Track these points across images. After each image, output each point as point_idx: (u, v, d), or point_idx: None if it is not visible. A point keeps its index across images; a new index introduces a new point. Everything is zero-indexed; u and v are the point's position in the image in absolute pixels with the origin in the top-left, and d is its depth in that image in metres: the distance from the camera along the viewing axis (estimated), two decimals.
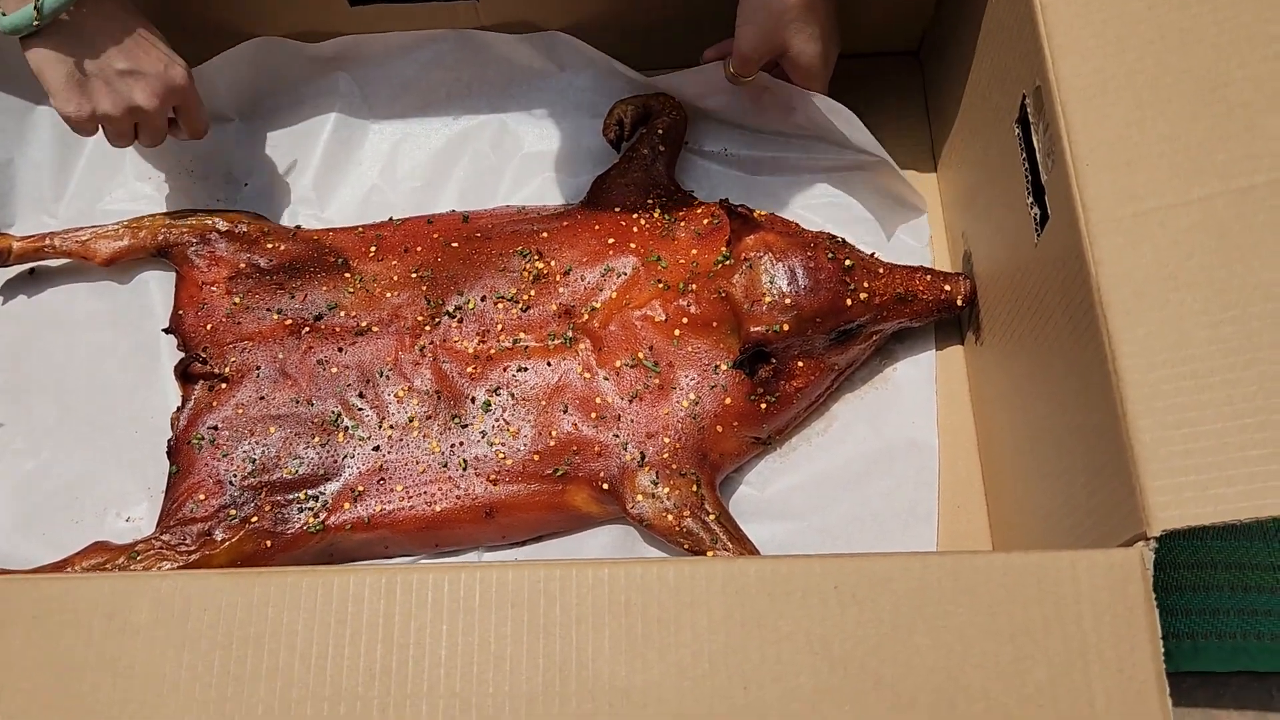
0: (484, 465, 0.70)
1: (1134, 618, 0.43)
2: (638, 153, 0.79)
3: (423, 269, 0.77)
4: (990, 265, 0.69)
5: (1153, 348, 0.46)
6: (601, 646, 0.44)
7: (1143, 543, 0.43)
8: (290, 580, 0.46)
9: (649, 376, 0.71)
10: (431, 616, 0.45)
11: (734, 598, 0.44)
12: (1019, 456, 0.64)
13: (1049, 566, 0.43)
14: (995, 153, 0.66)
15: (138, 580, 0.46)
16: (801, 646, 0.43)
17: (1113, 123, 0.51)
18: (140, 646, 0.45)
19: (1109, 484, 0.47)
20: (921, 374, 0.76)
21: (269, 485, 0.70)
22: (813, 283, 0.69)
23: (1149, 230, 0.48)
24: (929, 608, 0.43)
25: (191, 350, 0.75)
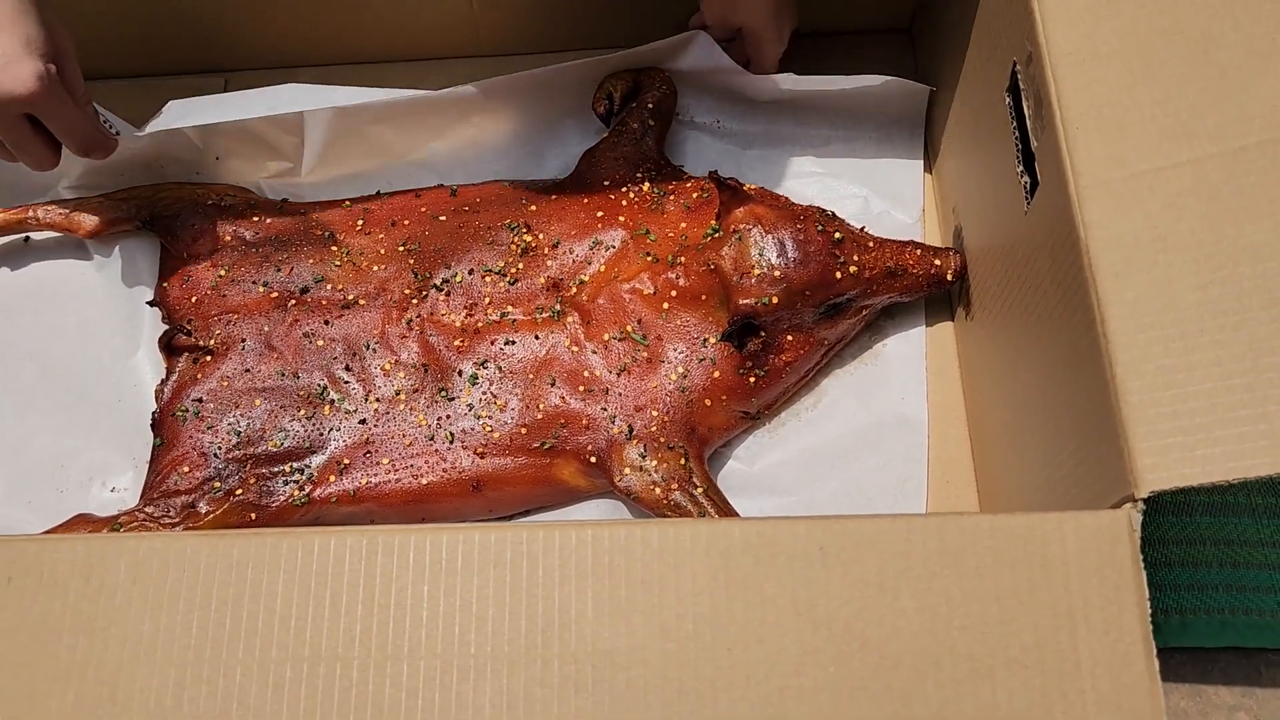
0: (471, 438, 0.70)
1: (1121, 580, 0.42)
2: (627, 127, 0.79)
3: (410, 242, 0.76)
4: (981, 238, 0.69)
5: (1142, 310, 0.45)
6: (584, 608, 0.44)
7: (1130, 504, 0.43)
8: (270, 541, 0.45)
9: (637, 350, 0.71)
10: (413, 578, 0.44)
11: (718, 559, 0.44)
12: (1008, 428, 0.64)
13: (1036, 528, 0.43)
14: (986, 124, 0.66)
15: (115, 541, 0.46)
16: (786, 609, 0.43)
17: (1103, 87, 0.50)
18: (117, 607, 0.44)
19: (1097, 448, 0.47)
20: (911, 349, 0.76)
21: (254, 458, 0.69)
22: (802, 255, 0.68)
23: (1139, 194, 0.47)
24: (915, 570, 0.43)
25: (176, 322, 0.74)
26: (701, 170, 0.80)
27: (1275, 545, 0.68)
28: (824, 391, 0.75)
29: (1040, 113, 0.53)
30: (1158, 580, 0.67)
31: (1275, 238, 0.45)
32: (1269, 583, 0.67)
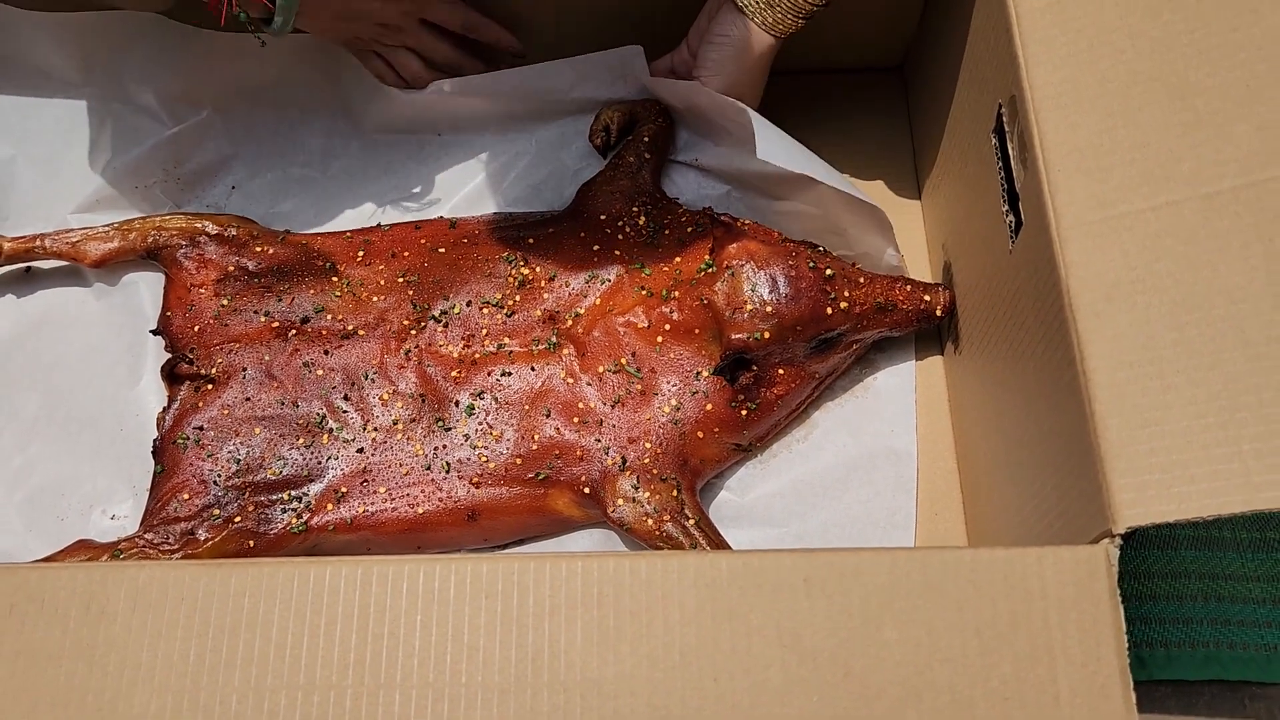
0: (467, 468, 0.71)
1: (1099, 613, 0.43)
2: (624, 160, 0.80)
3: (409, 274, 0.77)
4: (969, 274, 0.70)
5: (1120, 349, 0.46)
6: (574, 638, 0.44)
7: (1108, 539, 0.44)
8: (267, 571, 0.46)
9: (631, 382, 0.72)
10: (406, 608, 0.45)
11: (705, 591, 0.45)
12: (994, 462, 0.65)
13: (1016, 563, 0.44)
14: (974, 163, 0.67)
15: (115, 570, 0.46)
16: (771, 639, 0.44)
17: (1084, 130, 0.52)
18: (116, 635, 0.45)
19: (1078, 484, 0.48)
20: (901, 382, 0.77)
21: (253, 485, 0.70)
22: (794, 291, 0.70)
23: (1118, 235, 0.49)
24: (898, 602, 0.44)
25: (179, 351, 0.75)
26: (694, 204, 0.82)
27: (1260, 580, 0.69)
28: (815, 424, 0.76)
29: (1024, 154, 0.55)
30: (1143, 613, 0.68)
31: (1249, 279, 0.46)
32: (1253, 617, 0.68)
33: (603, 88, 0.83)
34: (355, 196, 0.85)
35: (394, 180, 0.85)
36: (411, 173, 0.85)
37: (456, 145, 0.86)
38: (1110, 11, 0.53)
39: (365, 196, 0.85)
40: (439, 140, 0.86)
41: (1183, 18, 0.52)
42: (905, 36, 0.86)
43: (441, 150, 0.86)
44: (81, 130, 0.84)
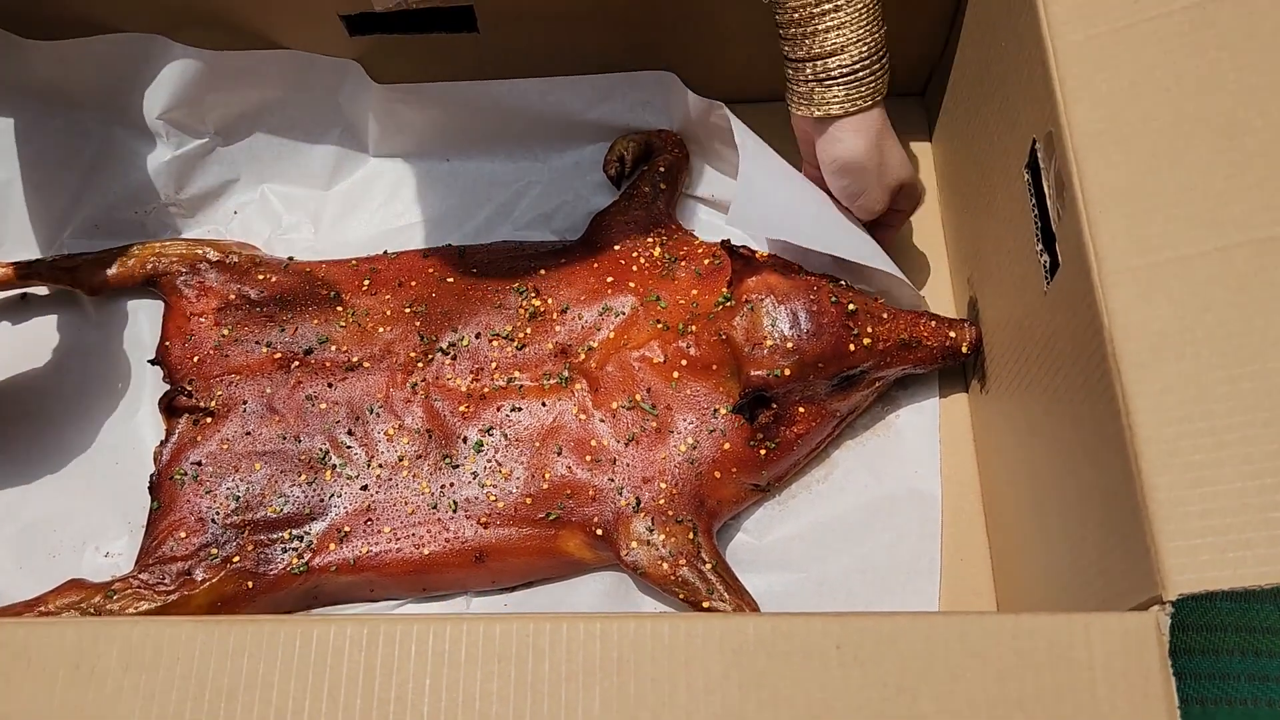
0: (475, 507, 0.69)
1: (1149, 687, 0.41)
2: (639, 190, 0.79)
3: (416, 304, 0.75)
4: (997, 311, 0.68)
5: (1169, 403, 0.44)
6: (591, 706, 0.42)
7: (1158, 607, 0.42)
8: (267, 629, 0.44)
9: (646, 419, 0.70)
10: (415, 670, 0.43)
11: (731, 657, 0.42)
12: (1025, 510, 0.63)
13: (1061, 630, 0.42)
14: (1003, 198, 0.65)
15: (107, 626, 0.44)
16: (801, 711, 0.42)
17: (1126, 171, 0.50)
18: (107, 698, 0.43)
19: (1122, 544, 0.46)
20: (925, 422, 0.75)
21: (252, 524, 0.68)
22: (815, 327, 0.68)
23: (1164, 281, 0.47)
24: (935, 671, 0.42)
25: (177, 382, 0.73)
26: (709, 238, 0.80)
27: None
28: (835, 463, 0.74)
29: (1062, 194, 0.53)
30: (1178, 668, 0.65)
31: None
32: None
33: (626, 110, 0.81)
34: (361, 222, 0.83)
35: (400, 206, 0.84)
36: (419, 198, 0.84)
37: (465, 171, 0.84)
38: (1153, 49, 0.52)
39: (371, 222, 0.83)
40: (447, 165, 0.84)
41: (1230, 55, 0.50)
42: (929, 63, 0.84)
43: (450, 175, 0.84)
44: (81, 153, 0.83)
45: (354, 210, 0.84)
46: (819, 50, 0.64)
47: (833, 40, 0.63)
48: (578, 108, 0.81)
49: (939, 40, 0.81)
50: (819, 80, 0.65)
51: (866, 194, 0.69)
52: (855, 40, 0.63)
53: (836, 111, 0.65)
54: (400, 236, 0.82)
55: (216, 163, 0.83)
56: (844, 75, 0.64)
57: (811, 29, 0.63)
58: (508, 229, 0.83)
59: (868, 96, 0.65)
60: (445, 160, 0.84)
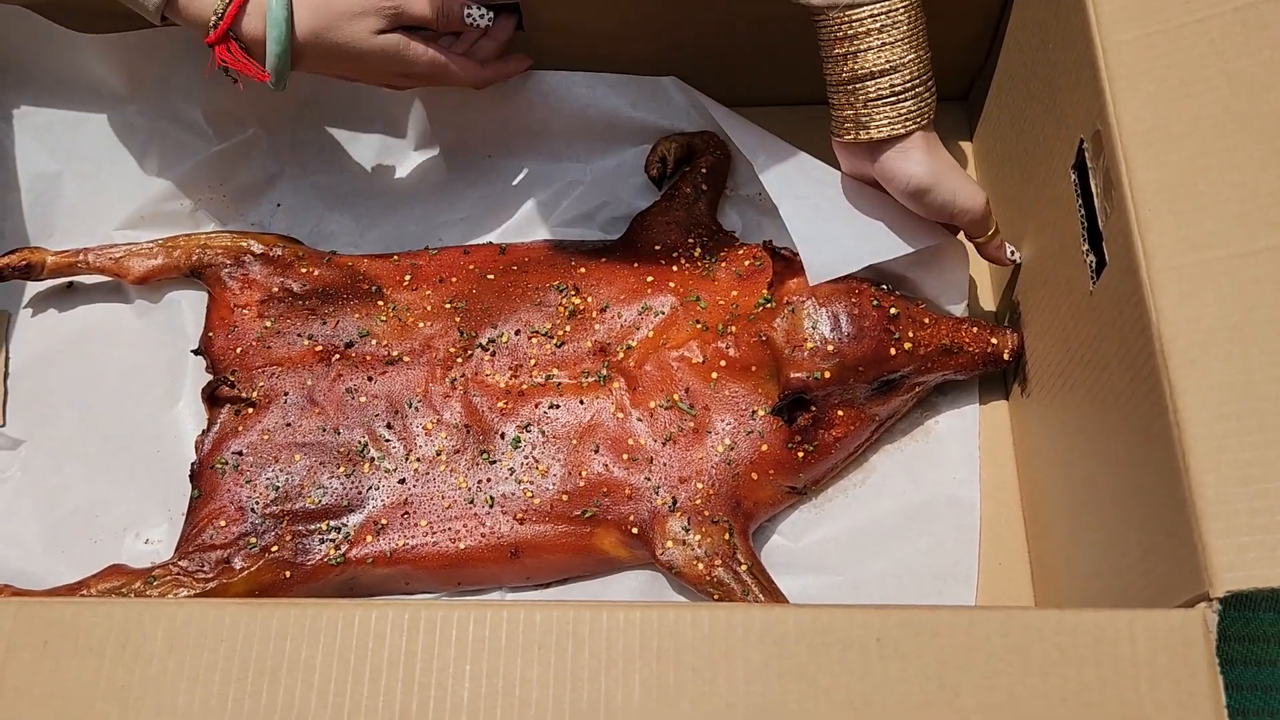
0: (511, 503, 0.69)
1: (1196, 684, 0.41)
2: (680, 191, 0.79)
3: (457, 300, 0.76)
4: (1040, 314, 0.68)
5: (1217, 400, 0.44)
6: (631, 694, 0.43)
7: (1205, 604, 0.42)
8: (310, 613, 0.45)
9: (684, 419, 0.70)
10: (455, 656, 0.44)
11: (772, 648, 0.43)
12: (1066, 512, 0.63)
13: (1105, 626, 0.42)
14: (1048, 199, 0.65)
15: (152, 608, 0.46)
16: (841, 701, 0.42)
17: (1176, 169, 0.50)
18: (152, 677, 0.44)
19: (1167, 542, 0.45)
20: (964, 427, 0.75)
21: (291, 514, 0.69)
22: (856, 330, 0.68)
23: (1213, 279, 0.47)
24: (976, 665, 0.42)
25: (220, 373, 0.75)
26: (749, 240, 0.80)
27: None
28: (873, 468, 0.74)
29: (1109, 192, 0.53)
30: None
31: None
32: None
33: (670, 112, 0.82)
34: (402, 217, 0.84)
35: (442, 203, 0.85)
36: (460, 195, 0.85)
37: (508, 168, 0.85)
38: (1204, 48, 0.52)
39: (412, 218, 0.84)
40: (489, 162, 0.85)
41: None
42: (973, 68, 0.84)
43: (492, 173, 0.85)
44: (127, 146, 0.84)
45: (396, 205, 0.85)
46: (864, 70, 0.62)
47: (879, 60, 0.62)
48: (621, 107, 0.82)
49: (982, 45, 0.81)
50: (865, 102, 0.63)
51: (945, 206, 0.66)
52: (903, 60, 0.62)
53: (882, 135, 0.63)
54: (441, 232, 0.83)
55: (261, 156, 0.85)
56: (890, 96, 0.63)
57: (857, 47, 0.62)
58: (548, 228, 0.83)
59: (915, 117, 0.63)
60: (487, 156, 0.85)
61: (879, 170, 0.66)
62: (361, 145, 0.86)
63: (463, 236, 0.83)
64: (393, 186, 0.85)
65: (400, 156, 0.86)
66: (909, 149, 0.64)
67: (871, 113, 0.63)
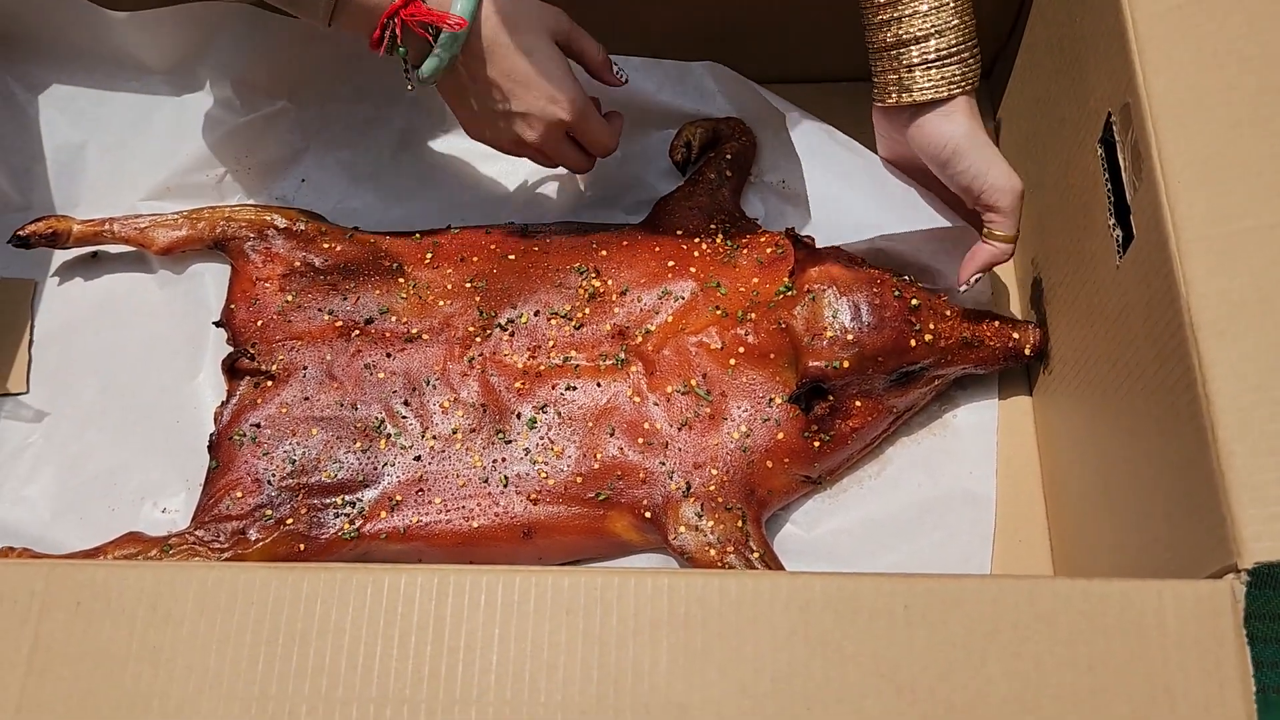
0: (525, 484, 0.70)
1: (1223, 654, 0.41)
2: (704, 176, 0.79)
3: (477, 279, 0.77)
4: (1065, 290, 0.68)
5: (1247, 371, 0.45)
6: (659, 659, 0.43)
7: (1233, 575, 0.42)
8: (339, 577, 0.45)
9: (700, 405, 0.71)
10: (484, 620, 0.44)
11: (798, 614, 0.43)
12: (1089, 494, 0.63)
13: (1132, 595, 0.42)
14: (1075, 174, 0.66)
15: (183, 571, 0.46)
16: (868, 668, 0.42)
17: (1206, 140, 0.50)
18: (183, 638, 0.45)
19: (1193, 514, 0.46)
20: (982, 421, 0.75)
21: (307, 487, 0.70)
22: (877, 320, 0.68)
23: (1244, 250, 0.47)
24: (1003, 633, 0.42)
25: (240, 345, 0.76)
26: (772, 227, 0.80)
27: None
28: (889, 460, 0.74)
29: (1138, 165, 0.53)
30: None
31: None
32: None
33: (696, 97, 0.82)
34: (426, 195, 0.85)
35: (466, 181, 0.85)
36: (484, 174, 0.85)
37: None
38: (1236, 18, 0.52)
39: (436, 196, 0.85)
40: None
41: None
42: (995, 46, 0.84)
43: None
44: (154, 117, 0.85)
45: (419, 183, 0.85)
46: (909, 34, 0.63)
47: (923, 24, 0.62)
48: (648, 90, 0.82)
49: (1006, 21, 0.81)
50: (909, 66, 0.63)
51: (976, 178, 0.65)
52: (948, 24, 0.62)
53: (925, 98, 0.63)
54: (464, 211, 0.84)
55: (287, 130, 0.85)
56: (935, 60, 0.63)
57: (901, 12, 0.62)
58: (572, 210, 0.84)
59: (960, 82, 0.63)
60: None
61: (916, 134, 0.65)
62: (387, 123, 0.86)
63: (485, 216, 0.83)
64: (417, 165, 0.86)
65: (425, 135, 0.86)
66: (951, 111, 0.64)
67: (916, 76, 0.64)
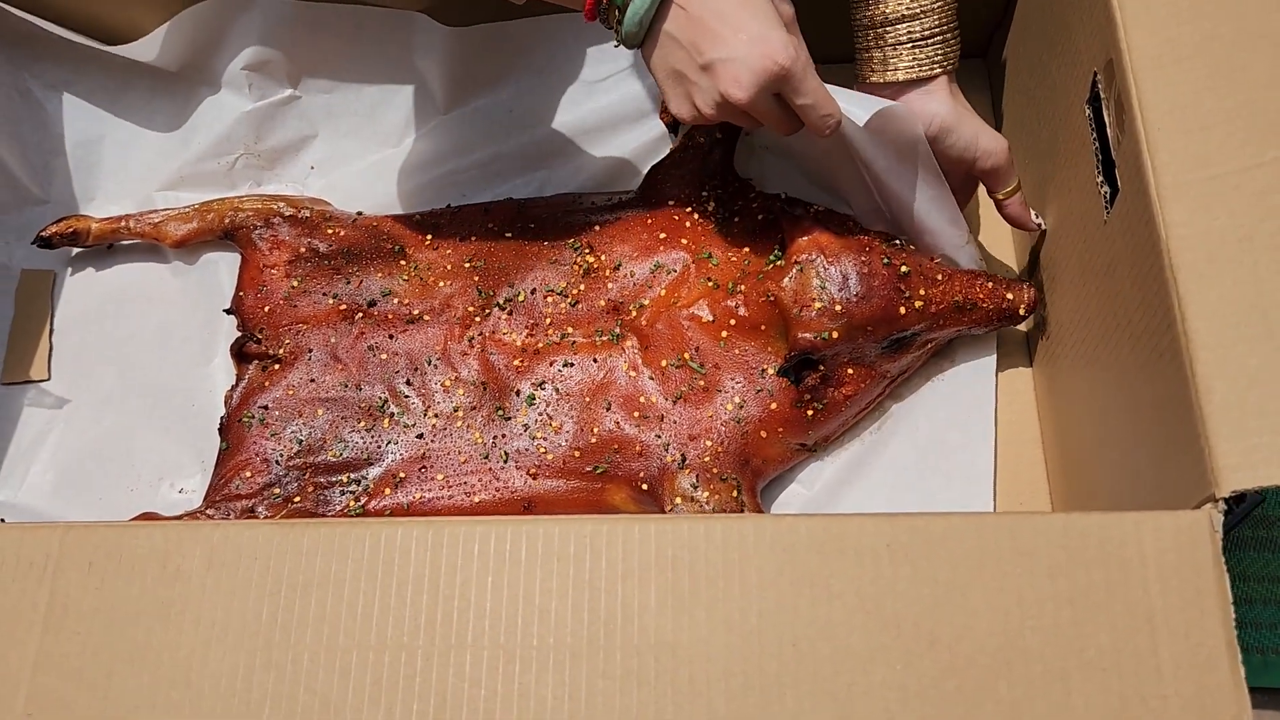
0: (524, 459, 0.72)
1: (1203, 582, 0.43)
2: (694, 141, 0.81)
3: (476, 259, 0.79)
4: (1059, 253, 0.70)
5: (1225, 310, 0.46)
6: (648, 602, 0.45)
7: (1211, 504, 0.44)
8: (339, 531, 0.48)
9: (694, 378, 0.72)
10: (477, 569, 0.47)
11: (784, 555, 0.45)
12: (1085, 441, 0.65)
13: (1112, 528, 0.44)
14: (1064, 137, 0.67)
15: (190, 529, 0.49)
16: (853, 605, 0.44)
17: (1185, 89, 0.52)
18: (192, 593, 0.47)
19: (1176, 449, 0.47)
20: (981, 371, 0.76)
21: (313, 466, 0.73)
22: (865, 290, 0.69)
23: (1223, 194, 0.49)
24: (986, 568, 0.44)
25: (249, 331, 0.78)
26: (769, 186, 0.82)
27: None
28: (889, 413, 0.76)
29: (1121, 118, 0.55)
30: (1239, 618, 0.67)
31: None
32: None
33: None
34: (428, 175, 0.87)
35: (467, 159, 0.87)
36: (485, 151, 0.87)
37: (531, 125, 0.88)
38: None
39: (438, 175, 0.87)
40: (510, 116, 0.88)
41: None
42: (989, 24, 0.86)
43: (517, 128, 0.88)
44: (167, 109, 0.89)
45: (423, 163, 0.87)
46: (894, 13, 0.66)
47: (910, 6, 0.66)
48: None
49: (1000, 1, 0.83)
50: (893, 44, 0.66)
51: (968, 148, 0.69)
52: (931, 6, 0.66)
53: (910, 76, 0.67)
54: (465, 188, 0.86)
55: (296, 118, 0.88)
56: (920, 39, 0.66)
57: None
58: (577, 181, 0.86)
59: (941, 61, 0.67)
60: (509, 112, 0.87)
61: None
62: (393, 105, 0.88)
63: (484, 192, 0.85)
64: (419, 145, 0.88)
65: (428, 115, 0.88)
66: (933, 90, 0.67)
67: (899, 54, 0.66)
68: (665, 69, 0.62)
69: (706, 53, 0.59)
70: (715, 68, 0.59)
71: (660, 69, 0.62)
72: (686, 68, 0.60)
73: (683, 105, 0.62)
